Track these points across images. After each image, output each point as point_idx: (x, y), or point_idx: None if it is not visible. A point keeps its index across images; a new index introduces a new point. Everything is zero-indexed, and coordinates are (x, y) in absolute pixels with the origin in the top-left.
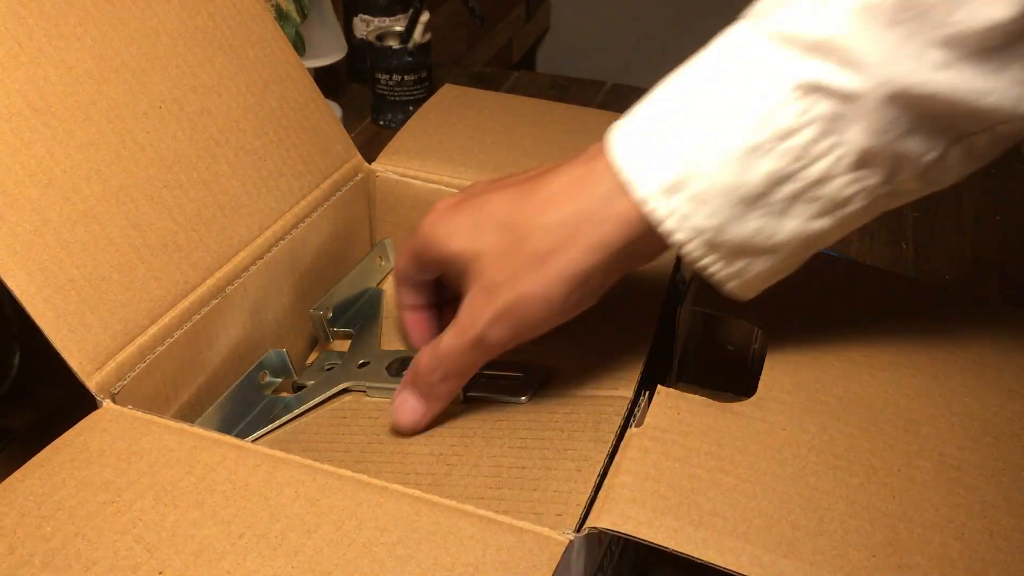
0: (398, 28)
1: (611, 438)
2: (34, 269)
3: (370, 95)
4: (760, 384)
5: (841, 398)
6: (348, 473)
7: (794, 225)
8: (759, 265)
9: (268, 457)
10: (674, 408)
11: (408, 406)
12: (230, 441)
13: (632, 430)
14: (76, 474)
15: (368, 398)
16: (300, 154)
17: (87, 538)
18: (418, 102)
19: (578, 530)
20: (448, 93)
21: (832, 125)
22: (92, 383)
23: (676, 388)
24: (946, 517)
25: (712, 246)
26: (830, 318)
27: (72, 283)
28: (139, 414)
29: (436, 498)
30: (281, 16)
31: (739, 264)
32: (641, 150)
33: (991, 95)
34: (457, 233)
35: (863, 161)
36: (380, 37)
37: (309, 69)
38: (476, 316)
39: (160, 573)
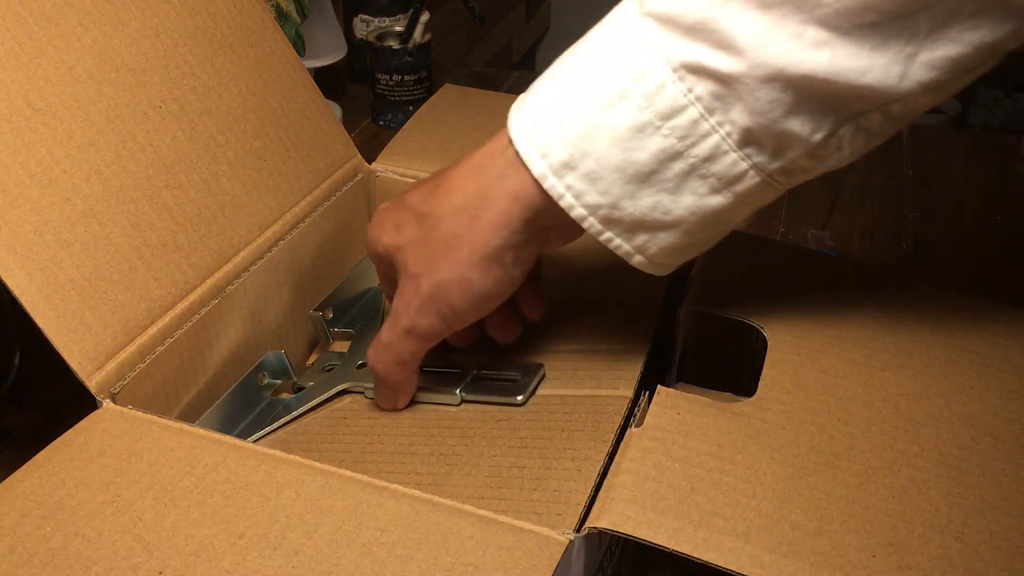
0: (398, 28)
1: (611, 438)
2: (34, 269)
3: (370, 95)
4: (760, 384)
5: (841, 398)
6: (348, 473)
7: (690, 201)
8: (661, 240)
9: (268, 457)
10: (674, 408)
11: (381, 395)
12: (230, 441)
13: (632, 430)
14: (76, 474)
15: (367, 399)
16: (300, 154)
17: (87, 538)
18: (418, 102)
19: (578, 530)
20: (448, 93)
21: (715, 104)
22: (92, 383)
23: (676, 388)
24: (946, 517)
25: (609, 221)
26: (830, 318)
27: (72, 283)
28: (139, 414)
29: (436, 498)
30: (281, 16)
31: (640, 239)
32: (536, 128)
33: (871, 72)
34: (385, 230)
35: (748, 139)
36: (380, 37)
37: (309, 69)
38: (405, 307)
39: (160, 573)
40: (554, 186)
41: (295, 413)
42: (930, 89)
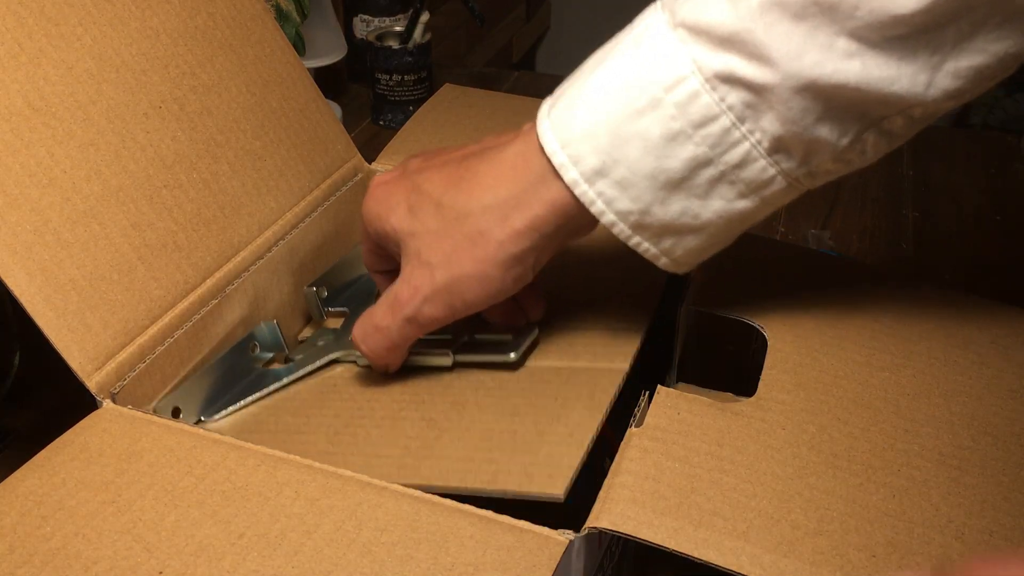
0: (398, 28)
1: (606, 408)
2: (34, 269)
3: (370, 95)
4: (760, 384)
5: (841, 398)
6: (348, 473)
7: (718, 206)
8: (688, 243)
9: (268, 457)
10: (674, 408)
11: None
12: (230, 441)
13: (632, 430)
14: (76, 474)
15: (359, 366)
16: (300, 154)
17: (87, 538)
18: (418, 102)
19: (567, 493)
20: (448, 93)
21: (747, 113)
22: (92, 383)
23: (676, 388)
24: (946, 517)
25: (639, 227)
26: (830, 318)
27: (72, 283)
28: (139, 414)
29: (436, 498)
30: (281, 16)
31: (667, 242)
32: (567, 136)
33: (899, 81)
34: (395, 211)
35: (778, 147)
36: (380, 37)
37: (309, 69)
38: (412, 293)
39: (160, 573)
40: (585, 192)
41: (285, 381)
42: (953, 96)
